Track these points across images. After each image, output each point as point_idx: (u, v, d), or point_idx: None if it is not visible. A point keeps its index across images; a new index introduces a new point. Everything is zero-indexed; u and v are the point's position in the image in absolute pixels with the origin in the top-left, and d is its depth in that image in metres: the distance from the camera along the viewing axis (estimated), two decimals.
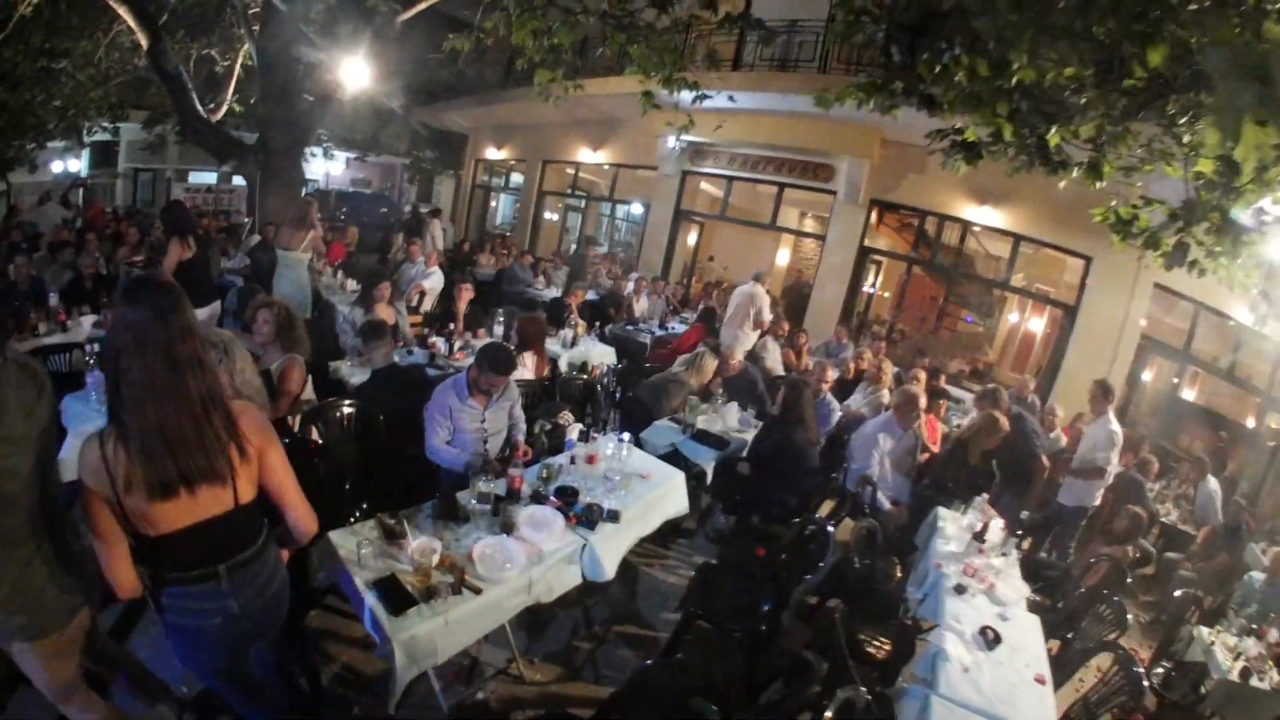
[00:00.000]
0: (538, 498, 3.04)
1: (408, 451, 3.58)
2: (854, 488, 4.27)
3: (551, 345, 5.68)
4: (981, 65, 2.74)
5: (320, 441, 3.40)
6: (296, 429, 3.42)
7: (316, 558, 2.66)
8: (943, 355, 9.53)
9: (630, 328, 7.51)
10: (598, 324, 6.96)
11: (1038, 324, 11.02)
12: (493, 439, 3.54)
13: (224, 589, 1.60)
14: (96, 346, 3.64)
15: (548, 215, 14.18)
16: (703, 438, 4.48)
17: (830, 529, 3.31)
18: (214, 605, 1.60)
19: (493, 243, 11.17)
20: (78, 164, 13.79)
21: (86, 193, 12.82)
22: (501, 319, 5.79)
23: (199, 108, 7.79)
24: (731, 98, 6.57)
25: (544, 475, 3.20)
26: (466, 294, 5.91)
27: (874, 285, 11.23)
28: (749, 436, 4.60)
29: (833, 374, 5.52)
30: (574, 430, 3.90)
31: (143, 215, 10.99)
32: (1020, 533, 4.28)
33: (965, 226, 8.57)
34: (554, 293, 8.40)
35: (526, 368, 4.52)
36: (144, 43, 7.10)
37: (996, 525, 3.91)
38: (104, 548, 1.51)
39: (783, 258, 13.35)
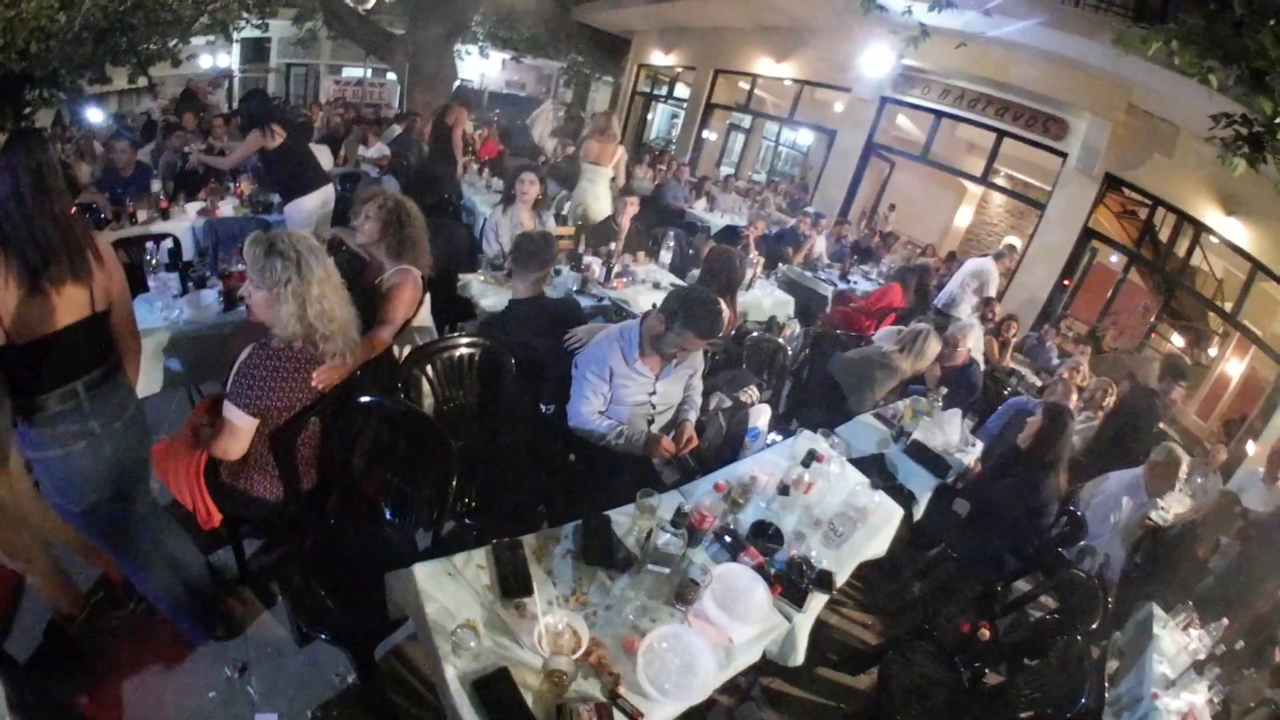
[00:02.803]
0: (724, 540, 1.92)
1: (541, 414, 2.60)
2: (1071, 554, 3.10)
3: None
4: None
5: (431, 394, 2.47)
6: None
7: (393, 588, 1.72)
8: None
9: (809, 274, 6.04)
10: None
11: (1236, 367, 8.20)
12: (661, 417, 2.45)
13: (84, 409, 1.69)
14: (162, 245, 3.09)
15: (706, 134, 12.56)
16: (919, 454, 3.16)
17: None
18: (77, 428, 1.69)
19: (650, 155, 9.89)
20: (227, 59, 13.99)
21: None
22: (672, 243, 4.66)
23: None
24: (987, 10, 4.87)
25: (733, 496, 2.04)
26: (631, 208, 4.75)
27: (1080, 276, 8.85)
28: (968, 459, 3.27)
29: (1075, 397, 4.10)
30: (762, 414, 2.71)
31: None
32: None
33: (1198, 233, 6.88)
34: (718, 219, 7.06)
35: None
36: None
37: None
38: None
39: (963, 218, 10.95)
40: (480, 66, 16.32)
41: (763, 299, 4.89)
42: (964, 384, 3.99)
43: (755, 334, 3.56)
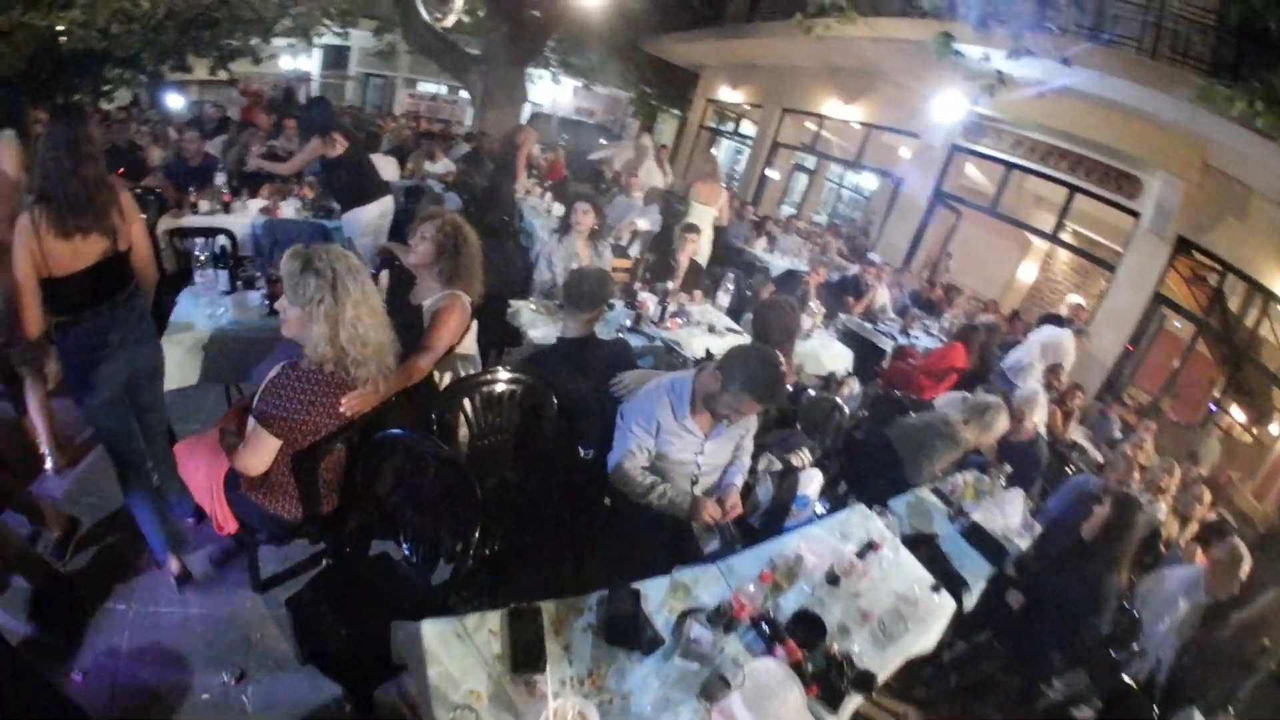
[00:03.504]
0: (761, 628, 1.72)
1: (580, 460, 2.46)
2: (1122, 657, 2.80)
3: None
4: None
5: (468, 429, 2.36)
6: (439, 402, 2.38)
7: (398, 637, 1.57)
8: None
9: (870, 325, 5.77)
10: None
11: None
12: (705, 478, 2.26)
13: (105, 326, 2.12)
14: (213, 242, 3.08)
15: (769, 173, 12.44)
16: (977, 538, 2.85)
17: None
18: (99, 338, 2.11)
19: None
20: (309, 63, 14.64)
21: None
22: (731, 285, 4.48)
23: (424, 13, 7.47)
24: (1066, 60, 4.73)
25: (776, 579, 1.83)
26: (691, 244, 4.62)
27: (1146, 344, 8.30)
28: (1024, 544, 2.94)
29: (1137, 477, 3.74)
30: (813, 481, 2.48)
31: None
32: None
33: (1267, 303, 6.40)
34: (778, 260, 6.88)
35: None
36: None
37: None
38: (23, 292, 1.97)
39: (1027, 274, 10.44)
40: (552, 91, 16.73)
41: (821, 351, 4.58)
42: (1028, 461, 3.66)
43: (812, 391, 3.33)
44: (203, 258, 2.85)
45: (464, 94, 12.98)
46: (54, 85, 9.27)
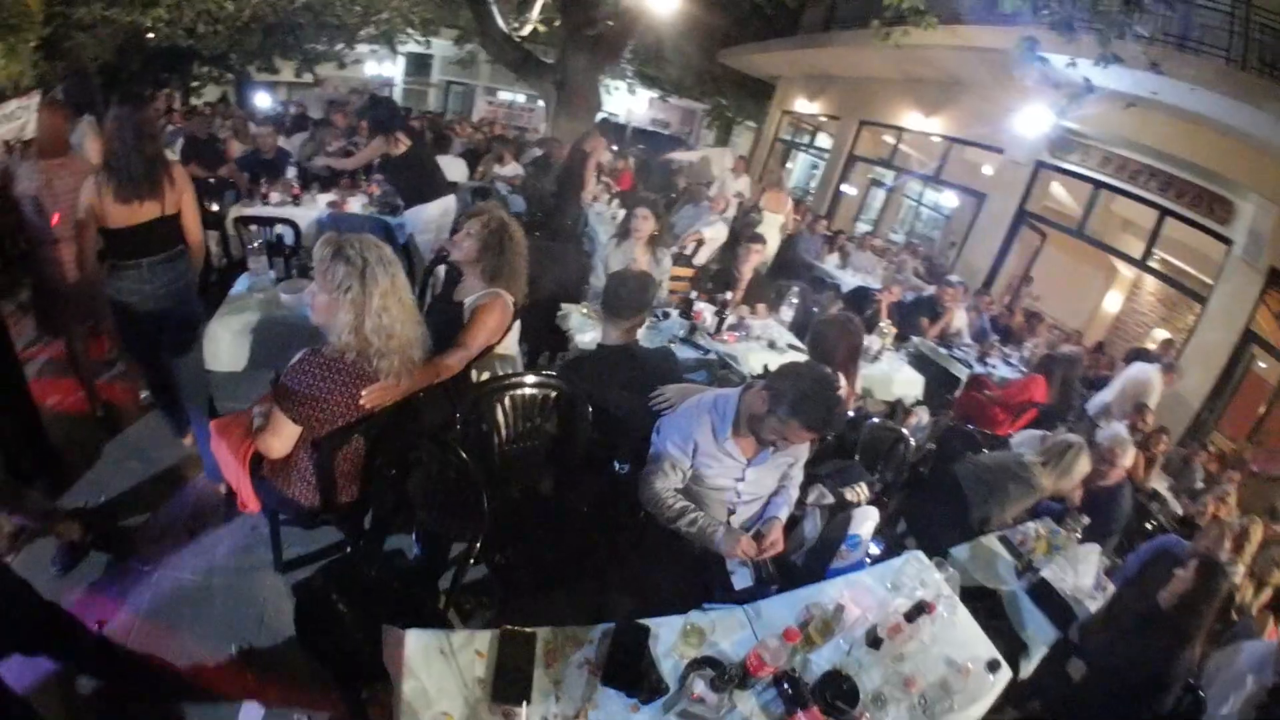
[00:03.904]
0: (783, 688, 1.48)
1: (613, 474, 2.31)
2: None
3: None
4: None
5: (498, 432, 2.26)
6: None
7: (386, 641, 1.46)
8: None
9: (944, 350, 5.36)
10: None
11: None
12: (745, 508, 2.05)
13: (145, 275, 2.50)
14: (269, 231, 3.32)
15: (845, 188, 12.00)
16: (1045, 597, 2.51)
17: None
18: (138, 286, 2.50)
19: None
20: (392, 69, 15.24)
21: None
22: (795, 299, 4.26)
23: (500, 22, 7.64)
24: (1157, 67, 4.60)
25: (809, 632, 1.61)
26: (755, 256, 4.41)
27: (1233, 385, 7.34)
28: (1094, 606, 2.58)
29: (1228, 544, 3.21)
30: (867, 519, 2.22)
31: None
32: None
33: None
34: (849, 277, 6.54)
35: None
36: None
37: None
38: (84, 236, 2.44)
39: (1112, 303, 9.53)
40: (628, 102, 16.82)
41: (891, 375, 4.24)
42: (1111, 511, 3.25)
43: (875, 420, 3.04)
44: (256, 244, 2.91)
45: (541, 102, 13.25)
46: (142, 78, 9.99)
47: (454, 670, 1.31)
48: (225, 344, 2.72)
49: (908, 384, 4.23)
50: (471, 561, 1.65)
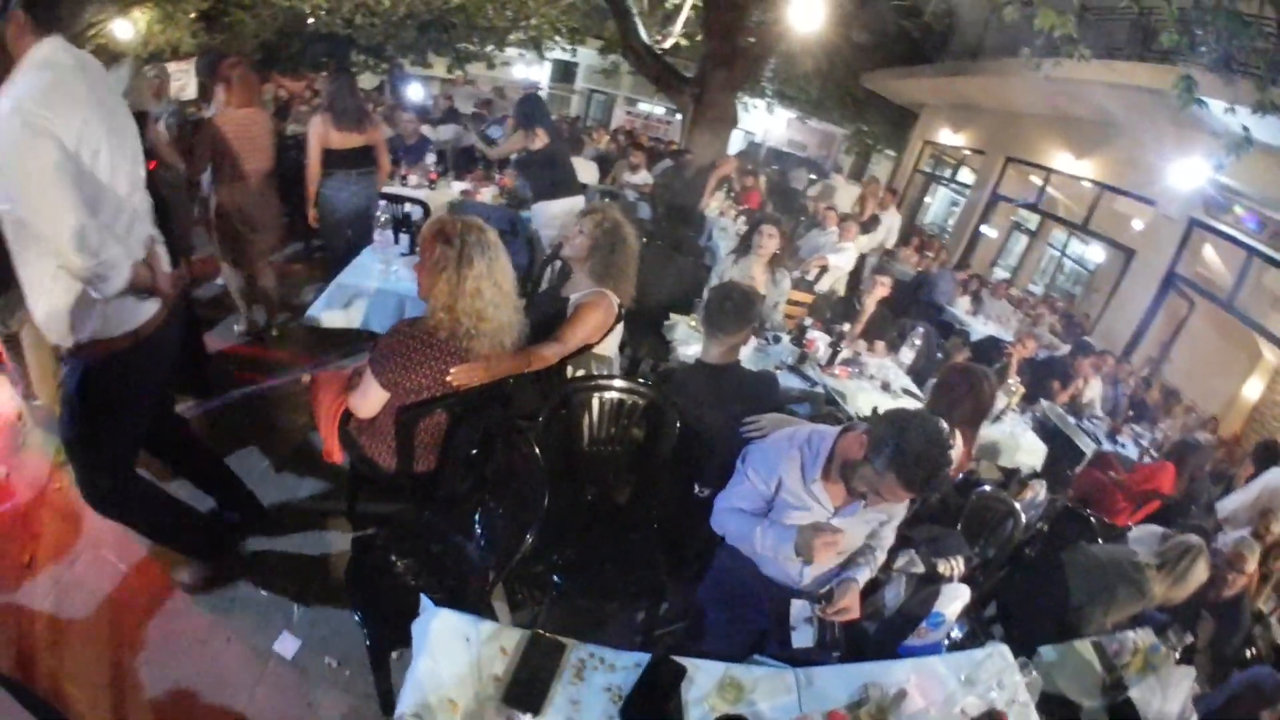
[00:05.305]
0: None
1: (692, 496, 2.22)
2: None
3: None
4: None
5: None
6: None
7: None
8: None
9: (1072, 420, 4.78)
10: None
11: None
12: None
13: (349, 180, 3.71)
14: (397, 208, 3.81)
15: (985, 229, 11.09)
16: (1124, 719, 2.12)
17: None
18: (345, 186, 3.71)
19: (920, 239, 8.99)
20: (539, 74, 15.96)
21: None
22: (919, 341, 4.01)
23: (642, 34, 7.82)
24: None
25: (864, 714, 1.43)
26: (881, 289, 4.24)
27: None
28: None
29: None
30: (957, 598, 1.96)
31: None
32: None
33: None
34: (980, 324, 6.04)
35: None
36: None
37: None
38: (312, 154, 3.62)
39: (1252, 390, 7.99)
40: (765, 121, 16.62)
41: (1016, 439, 3.81)
42: (1227, 627, 2.83)
43: (987, 488, 2.70)
44: (383, 219, 3.10)
45: (679, 116, 13.39)
46: (300, 59, 11.06)
47: (472, 660, 1.28)
48: (342, 303, 2.91)
49: (1029, 452, 3.78)
50: (528, 555, 1.61)
